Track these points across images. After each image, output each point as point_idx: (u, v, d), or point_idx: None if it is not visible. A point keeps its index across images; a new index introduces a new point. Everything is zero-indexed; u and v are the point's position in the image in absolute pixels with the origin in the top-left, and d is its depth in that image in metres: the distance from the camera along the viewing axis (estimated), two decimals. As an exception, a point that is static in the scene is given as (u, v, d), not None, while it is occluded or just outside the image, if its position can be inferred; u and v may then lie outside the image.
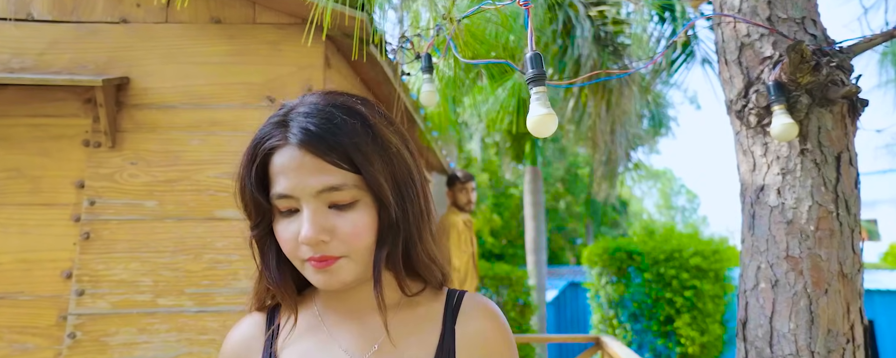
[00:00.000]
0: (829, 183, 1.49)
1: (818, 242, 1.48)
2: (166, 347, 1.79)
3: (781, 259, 1.51)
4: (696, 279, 8.53)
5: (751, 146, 1.63)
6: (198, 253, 1.86)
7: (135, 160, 1.88)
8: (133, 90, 1.91)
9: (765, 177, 1.58)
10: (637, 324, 8.92)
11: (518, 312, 8.90)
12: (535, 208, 11.88)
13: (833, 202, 1.48)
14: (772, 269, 1.53)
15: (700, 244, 8.93)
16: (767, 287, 1.53)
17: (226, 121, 1.94)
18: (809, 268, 1.47)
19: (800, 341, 1.45)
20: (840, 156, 1.51)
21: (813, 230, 1.48)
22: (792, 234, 1.51)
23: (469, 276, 3.67)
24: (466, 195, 3.75)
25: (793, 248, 1.50)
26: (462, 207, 3.78)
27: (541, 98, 1.05)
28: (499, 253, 21.50)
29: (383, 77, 2.39)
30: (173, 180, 1.88)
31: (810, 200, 1.49)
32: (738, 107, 1.65)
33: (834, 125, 1.51)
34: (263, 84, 1.98)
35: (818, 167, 1.50)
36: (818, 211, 1.48)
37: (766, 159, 1.58)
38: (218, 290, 1.84)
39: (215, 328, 1.82)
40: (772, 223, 1.55)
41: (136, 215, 1.85)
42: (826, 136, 1.51)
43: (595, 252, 9.41)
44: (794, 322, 1.47)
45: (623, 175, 10.85)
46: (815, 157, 1.50)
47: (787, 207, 1.52)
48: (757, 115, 1.59)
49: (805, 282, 1.47)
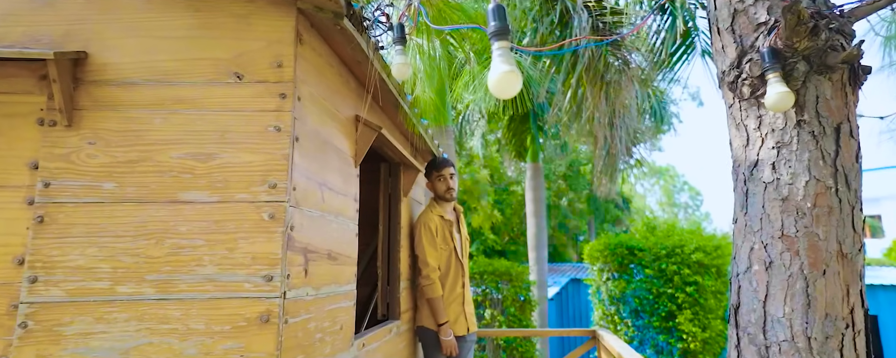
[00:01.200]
0: (827, 156, 1.38)
1: (815, 220, 1.37)
2: (125, 337, 1.69)
3: (776, 239, 1.40)
4: (697, 275, 8.51)
5: (744, 119, 1.52)
6: (160, 238, 1.76)
7: (93, 140, 1.78)
8: (91, 65, 1.81)
9: (759, 151, 1.47)
10: (638, 320, 8.91)
11: (518, 308, 8.83)
12: (536, 205, 11.79)
13: (832, 177, 1.38)
14: (766, 249, 1.42)
15: (702, 240, 8.88)
16: (761, 269, 1.43)
17: (190, 98, 1.84)
18: (806, 248, 1.36)
19: (795, 326, 1.35)
20: (840, 127, 1.40)
21: (810, 207, 1.37)
22: (787, 211, 1.40)
23: (452, 272, 3.55)
24: (445, 183, 3.62)
25: (788, 226, 1.39)
26: (442, 196, 3.65)
27: (503, 54, 0.95)
28: (501, 250, 21.42)
29: (363, 56, 2.29)
30: (134, 161, 1.78)
31: (807, 174, 1.38)
32: (730, 78, 1.54)
33: (833, 94, 1.40)
34: (231, 60, 1.87)
35: (816, 139, 1.39)
36: (816, 186, 1.38)
37: (760, 133, 1.48)
38: (181, 276, 1.74)
39: (178, 317, 1.72)
40: (766, 201, 1.44)
41: (93, 198, 1.75)
42: (824, 106, 1.40)
43: (596, 248, 9.38)
44: (790, 306, 1.36)
45: (625, 172, 10.75)
46: (812, 128, 1.40)
47: (783, 182, 1.41)
48: (750, 86, 1.48)
49: (801, 263, 1.36)
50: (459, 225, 3.69)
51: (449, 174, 3.62)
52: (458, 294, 3.52)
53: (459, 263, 3.56)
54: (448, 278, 3.54)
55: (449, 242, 3.57)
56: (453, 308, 3.49)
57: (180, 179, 1.79)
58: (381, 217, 3.69)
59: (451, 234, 3.60)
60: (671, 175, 45.64)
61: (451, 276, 3.54)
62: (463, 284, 3.54)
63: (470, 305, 3.56)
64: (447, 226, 3.61)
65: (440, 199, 3.67)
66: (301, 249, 1.95)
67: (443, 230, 3.61)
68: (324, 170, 2.20)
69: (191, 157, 1.81)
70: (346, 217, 2.49)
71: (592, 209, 25.06)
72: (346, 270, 2.48)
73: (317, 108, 2.13)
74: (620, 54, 6.32)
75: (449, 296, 3.51)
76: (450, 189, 3.60)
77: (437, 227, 3.62)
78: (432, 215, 3.67)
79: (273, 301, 1.76)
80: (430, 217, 3.68)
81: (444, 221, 3.63)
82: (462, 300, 3.51)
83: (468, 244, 3.73)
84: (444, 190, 3.62)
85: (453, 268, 3.55)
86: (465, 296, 3.54)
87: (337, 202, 2.36)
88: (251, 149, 1.84)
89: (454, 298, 3.51)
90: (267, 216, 1.80)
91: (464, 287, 3.53)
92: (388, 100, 2.85)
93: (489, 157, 19.11)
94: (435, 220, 3.65)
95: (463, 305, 3.50)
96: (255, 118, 1.85)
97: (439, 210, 3.66)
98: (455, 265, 3.56)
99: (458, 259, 3.57)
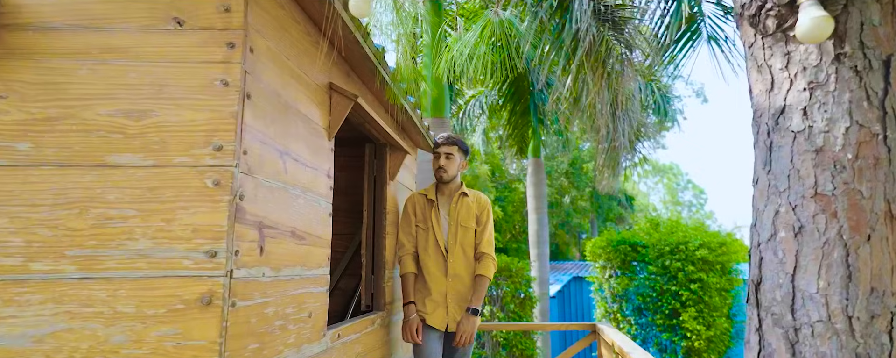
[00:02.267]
0: (874, 96, 1.12)
1: (857, 174, 1.11)
2: (40, 322, 1.44)
3: (808, 199, 1.15)
4: (702, 272, 8.29)
5: (767, 59, 1.27)
6: (83, 207, 1.51)
7: (4, 93, 1.53)
8: (4, 7, 1.56)
9: (786, 95, 1.22)
10: (641, 317, 8.71)
11: (518, 305, 8.59)
12: (537, 201, 11.50)
13: (879, 121, 1.12)
14: (794, 212, 1.16)
15: (706, 236, 8.69)
16: (788, 236, 1.17)
17: (122, 47, 1.59)
18: (846, 208, 1.11)
19: (832, 304, 1.09)
20: (890, 60, 1.14)
21: (851, 159, 1.12)
22: (822, 165, 1.14)
23: (432, 259, 3.26)
24: (437, 162, 3.38)
25: (823, 183, 1.14)
26: (435, 175, 3.40)
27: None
28: (502, 247, 21.19)
29: (330, 10, 2.04)
30: (54, 119, 1.54)
31: (848, 119, 1.13)
32: (751, 10, 1.28)
33: (882, 19, 1.13)
34: (169, 3, 1.63)
35: (859, 76, 1.13)
36: (858, 133, 1.12)
37: (788, 73, 1.22)
38: (108, 252, 1.50)
39: (103, 299, 1.47)
40: (795, 154, 1.18)
41: (5, 160, 1.50)
42: (871, 35, 1.14)
43: (599, 245, 9.16)
44: (825, 279, 1.11)
45: (628, 169, 10.52)
46: (854, 63, 1.14)
47: (816, 131, 1.16)
48: (777, 17, 1.22)
49: (840, 226, 1.11)
50: (458, 209, 3.36)
51: (443, 153, 3.35)
52: (440, 285, 3.24)
53: (440, 252, 3.28)
54: (429, 265, 3.26)
55: (430, 222, 3.31)
56: (433, 298, 3.21)
57: (109, 140, 1.55)
58: (365, 201, 3.45)
59: (436, 217, 3.33)
60: (675, 173, 45.32)
61: (432, 262, 3.26)
62: (449, 274, 3.25)
63: (457, 303, 3.23)
64: (431, 207, 3.34)
65: (437, 179, 3.42)
66: (254, 222, 1.70)
67: (424, 211, 3.36)
68: (286, 137, 1.94)
69: (122, 114, 1.56)
70: (317, 194, 2.24)
71: (595, 207, 24.82)
72: (316, 252, 2.23)
73: (277, 66, 1.88)
74: (623, 38, 6.06)
75: (428, 284, 3.24)
76: (440, 168, 3.34)
77: (418, 206, 3.38)
78: (417, 195, 3.44)
79: (216, 280, 1.51)
80: (413, 196, 3.45)
81: (427, 200, 3.37)
82: (444, 293, 3.23)
83: (471, 234, 3.38)
84: (436, 169, 3.36)
85: (432, 254, 3.28)
86: (450, 289, 3.23)
87: (304, 175, 2.11)
88: (193, 106, 1.59)
89: (435, 288, 3.23)
90: (211, 183, 1.55)
91: (450, 278, 3.25)
92: (364, 67, 2.59)
93: (491, 153, 18.86)
94: (417, 199, 3.41)
95: (445, 297, 3.22)
96: (198, 70, 1.60)
97: (429, 189, 3.41)
98: (434, 251, 3.28)
99: (438, 245, 3.28)
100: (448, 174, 3.36)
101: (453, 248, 3.27)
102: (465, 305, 3.20)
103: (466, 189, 3.44)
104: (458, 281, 3.26)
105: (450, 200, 3.40)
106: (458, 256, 3.27)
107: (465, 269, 3.29)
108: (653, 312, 8.61)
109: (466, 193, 3.44)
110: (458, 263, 3.28)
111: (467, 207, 3.39)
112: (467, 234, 3.33)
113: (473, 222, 3.36)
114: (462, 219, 3.33)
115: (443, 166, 3.34)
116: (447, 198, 3.42)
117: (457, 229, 3.31)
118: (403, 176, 3.81)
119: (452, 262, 3.25)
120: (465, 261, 3.29)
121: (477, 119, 13.40)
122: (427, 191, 3.40)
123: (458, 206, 3.36)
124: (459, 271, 3.27)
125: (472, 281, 3.27)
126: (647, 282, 8.64)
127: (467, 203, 3.41)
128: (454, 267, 3.25)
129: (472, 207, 3.41)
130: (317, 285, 2.21)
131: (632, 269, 8.96)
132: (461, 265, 3.28)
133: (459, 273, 3.26)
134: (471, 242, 3.33)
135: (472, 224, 3.35)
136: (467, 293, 3.25)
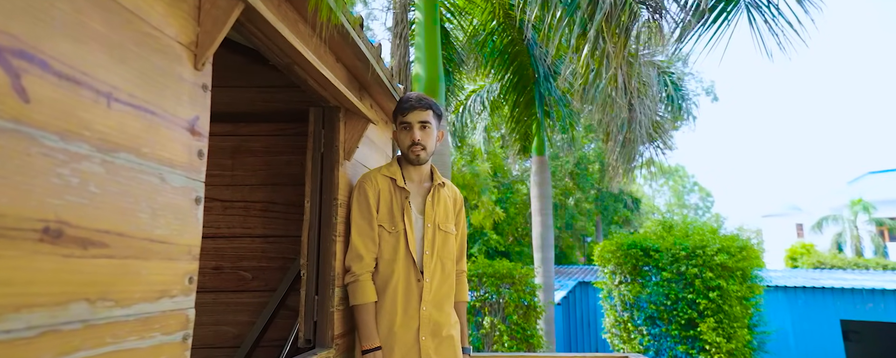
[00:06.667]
0: None
1: None
2: None
3: None
4: (721, 279, 7.50)
5: None
6: None
7: None
8: None
9: None
10: (654, 328, 7.95)
11: (521, 315, 7.64)
12: (542, 201, 10.43)
13: None
14: None
15: (725, 240, 7.84)
16: None
17: None
18: None
19: None
20: None
21: None
22: None
23: (402, 275, 2.18)
24: (409, 134, 2.31)
25: None
26: (405, 154, 2.35)
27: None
28: (504, 251, 20.19)
29: None
30: None
31: None
32: None
33: None
34: None
35: None
36: None
37: None
38: None
39: None
40: None
41: None
42: None
43: (608, 249, 8.31)
44: None
45: (640, 165, 9.61)
46: None
47: None
48: None
49: None
50: (435, 206, 2.32)
51: (417, 121, 2.29)
52: (413, 315, 2.17)
53: (413, 267, 2.21)
54: (396, 286, 2.20)
55: (399, 222, 2.25)
56: (401, 337, 2.15)
57: None
58: (307, 189, 2.37)
59: (408, 215, 2.27)
60: (681, 175, 44.35)
61: (401, 281, 2.19)
62: (424, 302, 2.18)
63: (437, 335, 2.18)
64: (402, 196, 2.29)
65: (405, 159, 2.36)
66: None
67: (391, 200, 2.29)
68: (50, 35, 0.89)
69: None
70: (157, 161, 1.19)
71: (600, 209, 23.89)
72: (147, 270, 1.17)
73: None
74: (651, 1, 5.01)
75: (395, 314, 2.17)
76: (415, 144, 2.28)
77: (382, 194, 2.29)
78: (379, 175, 2.33)
79: None
80: (372, 176, 2.33)
81: (395, 187, 2.32)
82: (417, 325, 2.16)
83: (452, 242, 2.35)
84: (408, 145, 2.30)
85: (401, 271, 2.21)
86: (424, 324, 2.17)
87: (114, 122, 1.06)
88: None
89: (405, 320, 2.16)
90: None
91: (424, 304, 2.18)
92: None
93: (492, 151, 17.87)
94: (380, 182, 2.31)
95: (418, 332, 2.16)
96: None
97: (393, 169, 2.35)
98: (405, 267, 2.21)
99: (410, 258, 2.21)
100: (426, 153, 2.30)
101: (430, 262, 2.22)
102: (445, 346, 2.15)
103: (440, 176, 2.40)
104: (438, 311, 2.20)
105: (422, 191, 2.35)
106: (436, 274, 2.22)
107: (446, 294, 2.24)
108: (667, 321, 7.89)
109: (444, 182, 2.40)
110: (437, 286, 2.22)
111: (445, 203, 2.34)
112: (448, 242, 2.28)
113: (453, 226, 2.32)
114: (441, 220, 2.28)
115: (419, 141, 2.28)
116: (418, 187, 2.36)
117: (434, 235, 2.25)
118: (366, 154, 2.72)
119: (430, 283, 2.19)
120: (446, 282, 2.24)
121: (478, 116, 12.42)
122: (392, 171, 2.34)
123: (434, 200, 2.32)
124: (439, 298, 2.21)
125: (451, 310, 2.22)
126: (661, 289, 7.88)
127: (444, 198, 2.36)
128: (433, 291, 2.20)
129: (450, 205, 2.36)
130: (150, 332, 1.16)
131: (643, 274, 8.22)
132: (442, 289, 2.23)
133: (439, 301, 2.21)
134: (451, 254, 2.27)
135: (452, 228, 2.31)
136: (446, 330, 2.20)
